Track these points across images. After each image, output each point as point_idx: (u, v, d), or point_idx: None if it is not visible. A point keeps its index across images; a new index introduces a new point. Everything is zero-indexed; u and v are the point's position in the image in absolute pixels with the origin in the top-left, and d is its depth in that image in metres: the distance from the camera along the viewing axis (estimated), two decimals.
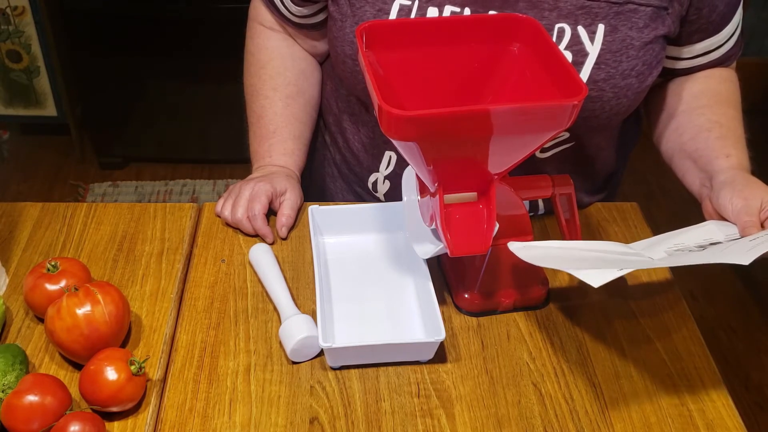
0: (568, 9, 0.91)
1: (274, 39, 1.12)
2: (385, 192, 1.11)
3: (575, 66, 0.92)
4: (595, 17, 0.91)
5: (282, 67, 1.11)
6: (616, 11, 0.91)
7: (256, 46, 1.13)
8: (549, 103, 0.73)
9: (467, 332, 0.91)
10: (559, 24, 0.92)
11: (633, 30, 0.92)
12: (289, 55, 1.12)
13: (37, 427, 0.73)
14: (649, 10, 0.92)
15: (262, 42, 1.12)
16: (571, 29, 0.91)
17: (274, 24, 1.12)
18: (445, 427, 0.81)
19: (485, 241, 0.82)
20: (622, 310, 0.95)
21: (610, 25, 0.91)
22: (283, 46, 1.12)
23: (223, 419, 0.81)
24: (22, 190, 2.46)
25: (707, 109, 1.02)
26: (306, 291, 0.95)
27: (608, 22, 0.91)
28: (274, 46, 1.12)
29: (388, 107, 0.70)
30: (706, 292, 2.17)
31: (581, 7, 0.91)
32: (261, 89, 1.11)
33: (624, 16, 0.91)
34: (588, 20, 0.91)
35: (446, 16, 0.93)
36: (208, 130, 2.47)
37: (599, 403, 0.84)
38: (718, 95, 1.04)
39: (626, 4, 0.91)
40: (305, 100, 1.13)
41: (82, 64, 2.34)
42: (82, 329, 0.81)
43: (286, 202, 1.03)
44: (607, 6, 0.91)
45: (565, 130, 0.97)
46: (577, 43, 0.92)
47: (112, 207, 1.07)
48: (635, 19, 0.92)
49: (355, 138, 1.11)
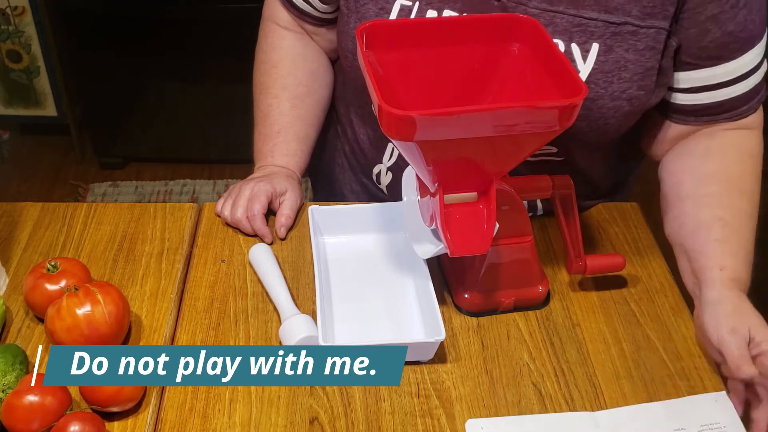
0: (563, 25, 0.90)
1: (288, 38, 1.12)
2: (387, 183, 1.11)
3: None
4: (591, 36, 0.89)
5: (293, 67, 1.11)
6: (612, 31, 0.89)
7: (269, 45, 1.12)
8: (549, 103, 0.73)
9: (467, 332, 0.91)
10: (554, 40, 0.89)
11: (630, 52, 0.89)
12: (302, 56, 1.12)
13: (37, 427, 0.73)
14: (652, 32, 0.88)
15: (275, 41, 1.12)
16: (564, 45, 0.90)
17: (290, 23, 1.11)
18: (445, 427, 0.81)
19: (485, 241, 0.82)
20: (622, 310, 0.95)
21: (606, 45, 0.89)
22: (297, 46, 1.12)
23: (223, 419, 0.81)
24: (22, 190, 2.46)
25: (715, 199, 0.93)
26: (306, 291, 0.95)
27: (603, 41, 0.89)
28: (288, 46, 1.12)
29: (388, 107, 0.70)
30: None
31: (577, 25, 0.89)
32: (270, 88, 1.11)
33: (621, 37, 0.89)
34: (583, 38, 0.89)
35: (446, 16, 0.93)
36: (208, 130, 2.47)
37: (599, 403, 0.84)
38: (731, 181, 0.94)
39: (623, 25, 0.88)
40: (314, 101, 1.12)
41: (82, 64, 2.34)
42: (82, 329, 0.81)
43: (285, 203, 1.03)
44: (603, 25, 0.89)
45: (550, 144, 0.95)
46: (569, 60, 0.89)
47: (112, 207, 1.07)
48: (632, 41, 0.89)
49: (361, 130, 1.12)
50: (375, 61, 0.82)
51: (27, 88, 2.46)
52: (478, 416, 0.82)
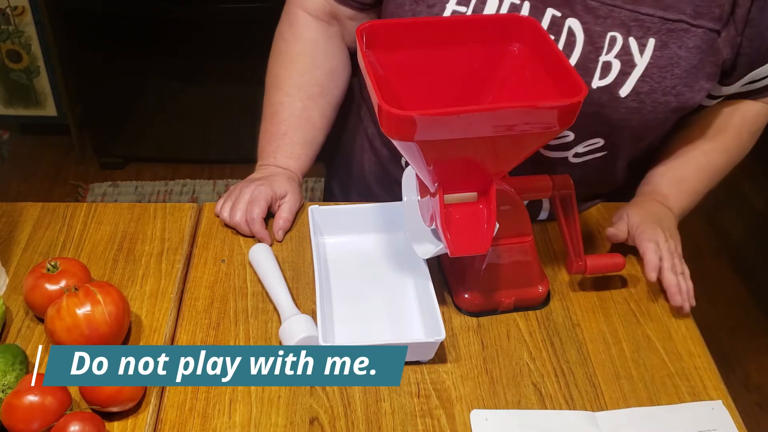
0: (621, 19, 0.91)
1: (314, 29, 1.09)
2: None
3: (620, 75, 0.92)
4: (647, 31, 0.91)
5: (312, 65, 1.09)
6: (668, 28, 0.91)
7: (292, 35, 1.09)
8: (549, 103, 0.73)
9: (467, 332, 0.91)
10: (612, 32, 0.92)
11: (682, 49, 0.92)
12: (324, 51, 1.09)
13: (37, 427, 0.73)
14: (700, 31, 0.91)
15: (300, 31, 1.09)
16: (623, 39, 0.92)
17: (321, 11, 1.08)
18: (445, 427, 0.81)
19: (485, 241, 0.82)
20: (622, 310, 0.95)
21: (661, 41, 0.92)
22: (321, 39, 1.09)
23: (223, 419, 0.81)
24: (22, 190, 2.46)
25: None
26: (306, 291, 0.95)
27: (659, 37, 0.92)
28: (312, 39, 1.09)
29: (388, 107, 0.70)
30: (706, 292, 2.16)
31: (635, 20, 0.91)
32: (284, 84, 1.09)
33: (675, 34, 0.91)
34: (640, 33, 0.92)
35: (446, 16, 0.93)
36: (208, 130, 2.47)
37: (599, 402, 0.84)
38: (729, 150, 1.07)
39: (678, 22, 0.91)
40: (326, 102, 1.11)
41: (82, 64, 2.34)
42: (82, 329, 0.81)
43: (284, 205, 1.03)
44: (660, 22, 0.91)
45: (597, 136, 0.98)
46: (627, 53, 0.92)
47: (112, 207, 1.07)
48: (685, 39, 0.92)
49: None
50: (375, 61, 0.82)
51: (27, 88, 2.46)
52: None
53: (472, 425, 0.81)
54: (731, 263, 2.29)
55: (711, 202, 1.14)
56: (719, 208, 2.42)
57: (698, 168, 1.06)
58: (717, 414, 0.84)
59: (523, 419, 0.82)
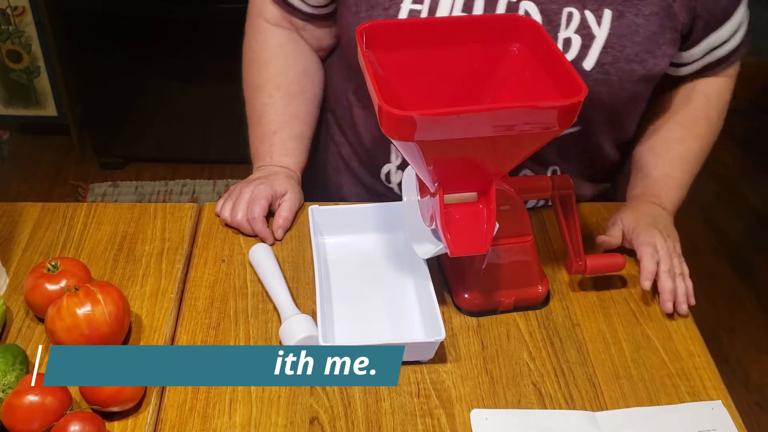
0: None
1: (278, 36, 1.11)
2: (398, 182, 1.11)
3: (582, 49, 0.94)
4: (602, 3, 0.93)
5: (285, 66, 1.11)
6: None
7: (259, 44, 1.12)
8: (549, 103, 0.73)
9: (467, 332, 0.91)
10: (568, 8, 0.93)
11: (639, 17, 0.94)
12: (293, 53, 1.12)
13: (37, 427, 0.73)
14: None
15: (265, 39, 1.12)
16: (579, 13, 0.93)
17: (279, 19, 1.11)
18: (445, 427, 0.81)
19: (485, 241, 0.82)
20: (622, 310, 0.95)
21: (617, 11, 0.93)
22: (287, 43, 1.11)
23: (223, 419, 0.81)
24: (22, 190, 2.46)
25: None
26: (306, 291, 0.95)
27: (615, 8, 0.93)
28: (278, 44, 1.11)
29: (388, 107, 0.70)
30: (705, 291, 2.17)
31: None
32: (263, 87, 1.11)
33: (630, 2, 0.93)
34: (595, 5, 0.93)
35: (446, 16, 0.93)
36: (208, 130, 2.47)
37: (599, 402, 0.84)
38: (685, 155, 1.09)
39: None
40: (307, 99, 1.12)
41: (82, 64, 2.34)
42: (82, 329, 0.81)
43: (284, 204, 1.03)
44: None
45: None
46: (585, 26, 0.93)
47: (112, 207, 1.07)
48: (641, 7, 0.94)
49: (367, 130, 1.11)
50: (375, 61, 0.83)
51: (27, 88, 2.46)
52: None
53: (472, 425, 0.81)
54: (729, 261, 2.29)
55: (708, 200, 1.15)
56: (716, 206, 2.42)
57: (679, 159, 1.07)
58: (717, 414, 0.84)
59: (523, 419, 0.82)
